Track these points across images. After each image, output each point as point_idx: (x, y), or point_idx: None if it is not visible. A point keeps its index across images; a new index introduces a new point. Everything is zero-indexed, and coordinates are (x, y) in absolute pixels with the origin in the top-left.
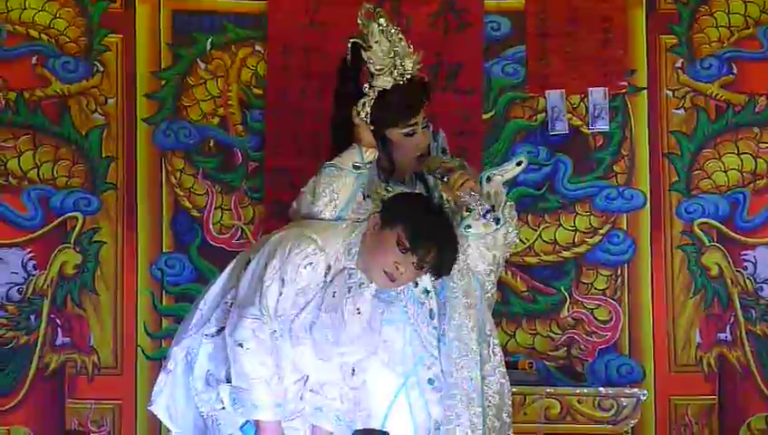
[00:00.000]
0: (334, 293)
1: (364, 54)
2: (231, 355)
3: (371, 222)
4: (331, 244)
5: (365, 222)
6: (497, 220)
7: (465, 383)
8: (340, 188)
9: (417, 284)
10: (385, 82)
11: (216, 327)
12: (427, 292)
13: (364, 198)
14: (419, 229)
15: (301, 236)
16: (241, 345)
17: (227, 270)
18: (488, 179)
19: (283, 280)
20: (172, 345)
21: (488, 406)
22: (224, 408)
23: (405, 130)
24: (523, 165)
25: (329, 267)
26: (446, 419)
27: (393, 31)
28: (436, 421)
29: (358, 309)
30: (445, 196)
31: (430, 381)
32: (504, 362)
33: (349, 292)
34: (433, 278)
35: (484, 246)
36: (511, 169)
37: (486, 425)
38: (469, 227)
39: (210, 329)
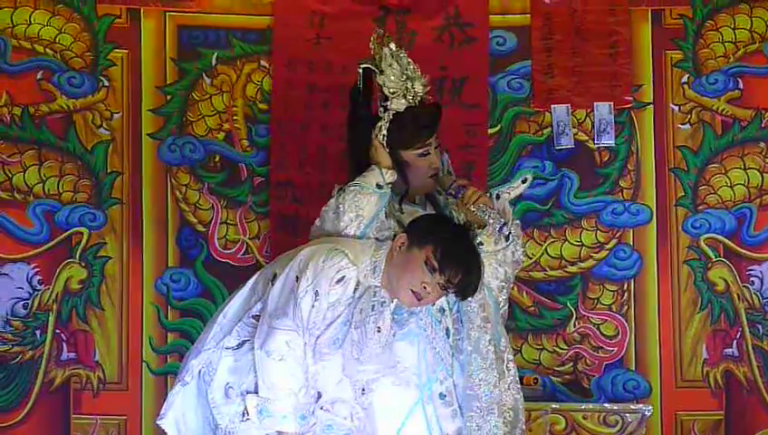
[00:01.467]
0: (361, 310)
1: (378, 79)
2: (259, 366)
3: (398, 241)
4: (360, 259)
5: (389, 241)
6: (507, 237)
7: (485, 396)
8: (365, 206)
9: (433, 302)
10: (399, 104)
11: (237, 340)
12: (443, 311)
13: (386, 217)
14: (448, 249)
15: (333, 250)
16: (272, 356)
17: (249, 285)
18: (497, 197)
19: (316, 292)
20: (189, 358)
21: (504, 423)
22: (244, 419)
23: (419, 151)
24: (528, 182)
25: (358, 283)
26: (468, 429)
27: (402, 54)
28: None
29: (378, 327)
30: (456, 215)
31: (441, 396)
32: (518, 378)
33: (372, 310)
34: (456, 298)
35: (496, 262)
36: (517, 187)
37: None
38: (482, 244)
39: (231, 342)
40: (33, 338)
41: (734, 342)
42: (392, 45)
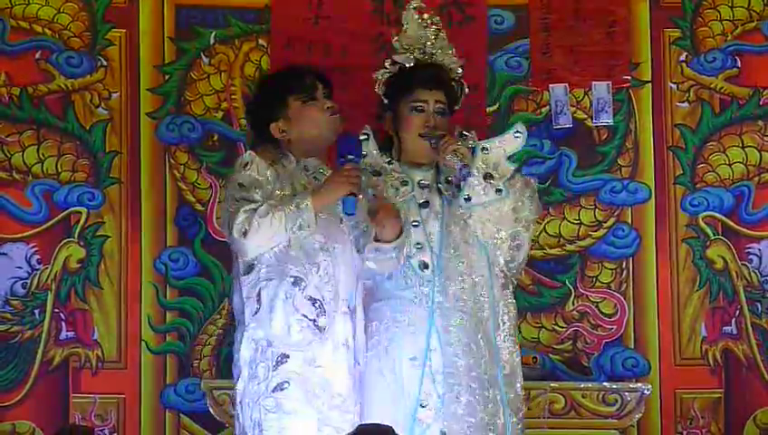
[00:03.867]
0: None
1: (393, 37)
2: (240, 248)
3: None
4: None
5: None
6: (498, 190)
7: (463, 351)
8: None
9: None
10: (406, 59)
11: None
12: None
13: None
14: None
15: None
16: (245, 233)
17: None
18: (483, 149)
19: (250, 160)
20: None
21: (502, 376)
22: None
23: (413, 104)
24: (521, 137)
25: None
26: (448, 386)
27: (435, 26)
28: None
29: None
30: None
31: (413, 359)
32: (513, 332)
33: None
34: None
35: (488, 220)
36: (509, 140)
37: (494, 395)
38: (468, 198)
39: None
40: (32, 317)
41: (733, 319)
42: (425, 15)
